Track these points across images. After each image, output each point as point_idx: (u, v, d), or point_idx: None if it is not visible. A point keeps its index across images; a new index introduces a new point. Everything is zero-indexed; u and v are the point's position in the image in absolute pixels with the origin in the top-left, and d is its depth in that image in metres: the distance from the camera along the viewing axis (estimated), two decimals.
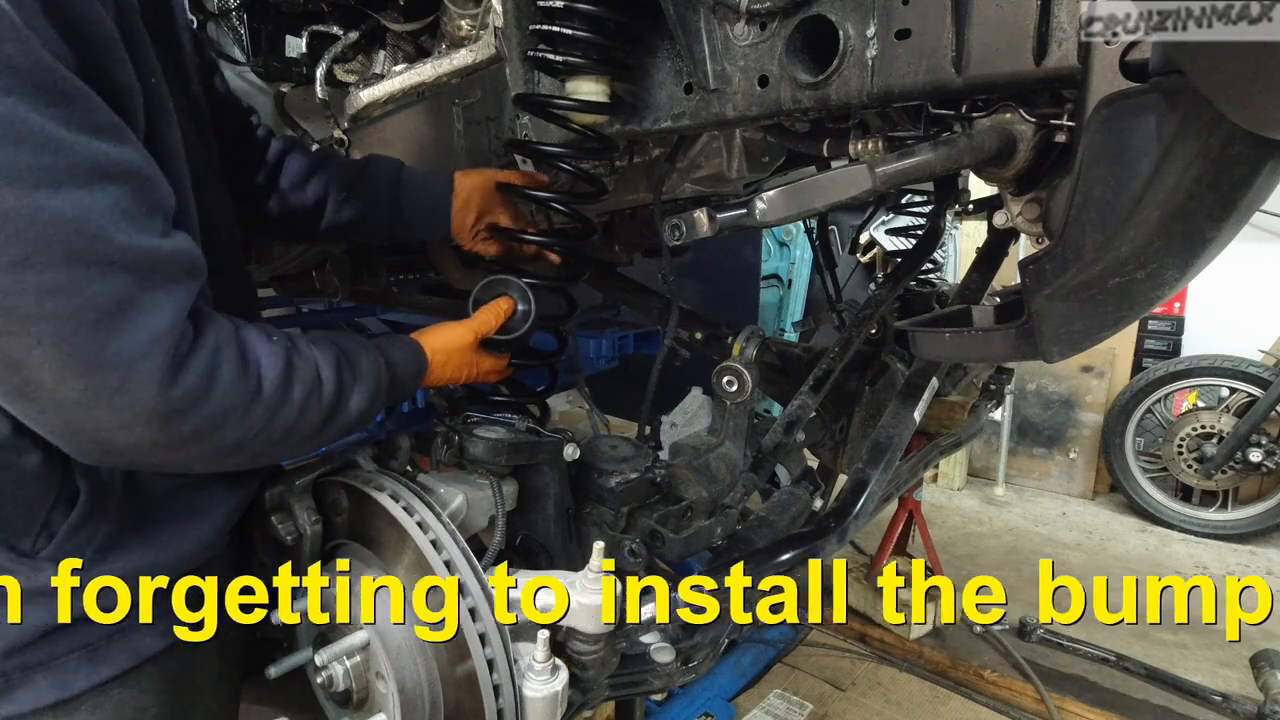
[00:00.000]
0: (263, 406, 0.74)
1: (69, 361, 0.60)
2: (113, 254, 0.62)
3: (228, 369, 0.71)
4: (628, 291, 2.19)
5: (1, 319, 0.58)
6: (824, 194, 0.81)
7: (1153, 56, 0.69)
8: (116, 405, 0.63)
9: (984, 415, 2.03)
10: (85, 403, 0.62)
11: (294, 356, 0.79)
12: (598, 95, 0.99)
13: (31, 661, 0.76)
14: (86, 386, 0.62)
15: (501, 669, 0.88)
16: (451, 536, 0.92)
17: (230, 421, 0.72)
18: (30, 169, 0.57)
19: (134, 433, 0.66)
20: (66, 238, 0.59)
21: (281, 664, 0.98)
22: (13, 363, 0.60)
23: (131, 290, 0.63)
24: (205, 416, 0.69)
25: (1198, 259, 0.84)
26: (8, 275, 0.57)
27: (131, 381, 0.63)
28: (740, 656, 2.61)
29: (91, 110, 0.62)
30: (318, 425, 0.81)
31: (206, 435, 0.70)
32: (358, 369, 0.87)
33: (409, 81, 1.23)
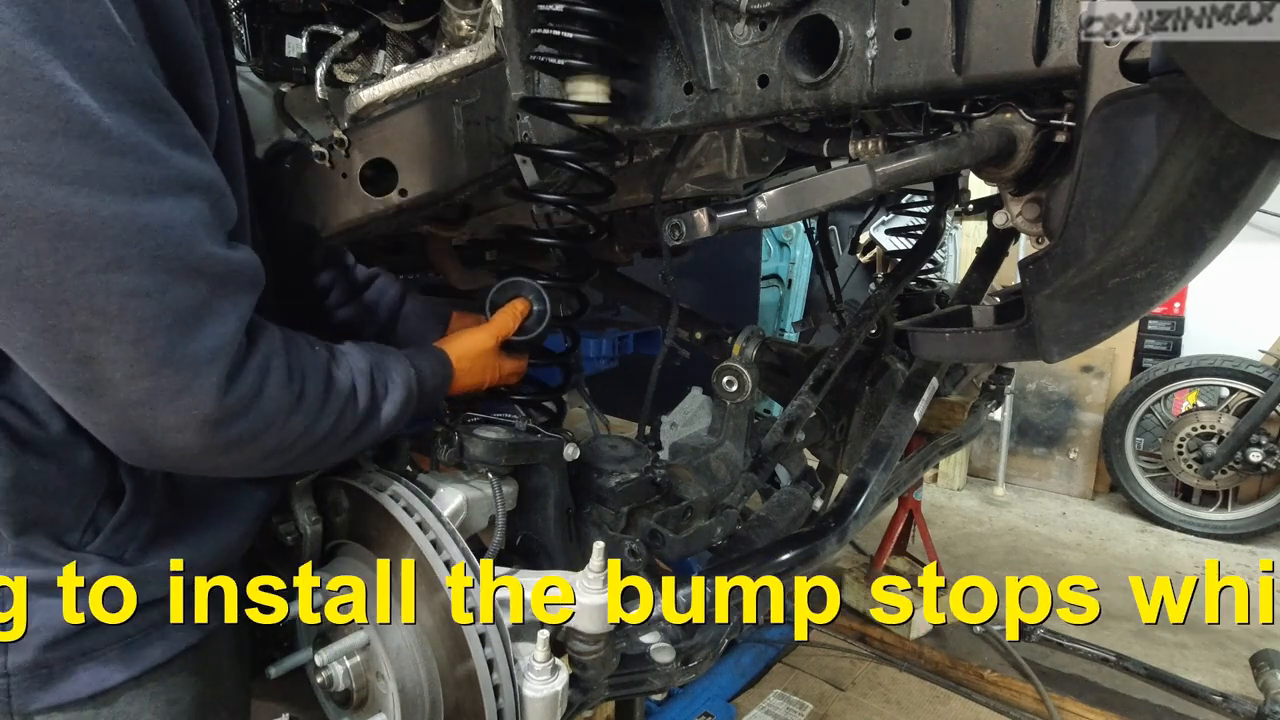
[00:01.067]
0: (303, 414, 0.78)
1: (142, 361, 0.63)
2: (194, 262, 0.66)
3: (276, 377, 0.75)
4: (628, 291, 2.19)
5: (86, 316, 0.61)
6: (824, 194, 0.81)
7: (1153, 56, 0.69)
8: (178, 406, 0.66)
9: (984, 415, 2.03)
10: (148, 402, 0.65)
11: (334, 367, 0.84)
12: (599, 95, 0.99)
13: (74, 653, 0.79)
14: (153, 386, 0.65)
15: (501, 669, 0.88)
16: (451, 536, 0.92)
17: (273, 428, 0.75)
18: (130, 179, 0.61)
19: (186, 435, 0.69)
20: (156, 244, 0.63)
21: (282, 664, 0.98)
22: (87, 359, 0.63)
23: (206, 297, 0.67)
24: (252, 422, 0.72)
25: (1198, 259, 0.84)
26: (99, 276, 0.60)
27: (195, 385, 0.67)
28: (740, 656, 2.61)
29: (183, 126, 0.68)
30: (350, 433, 0.85)
31: (249, 441, 0.73)
32: (391, 379, 0.91)
33: (409, 81, 1.23)
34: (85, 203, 0.59)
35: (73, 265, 0.59)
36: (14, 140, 0.56)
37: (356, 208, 1.34)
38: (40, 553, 0.76)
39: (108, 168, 0.60)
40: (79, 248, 0.59)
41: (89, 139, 0.58)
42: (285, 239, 1.15)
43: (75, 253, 0.59)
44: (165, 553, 0.83)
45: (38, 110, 0.56)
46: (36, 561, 0.76)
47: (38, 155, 0.57)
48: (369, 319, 1.21)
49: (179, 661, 0.86)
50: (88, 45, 0.58)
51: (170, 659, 0.85)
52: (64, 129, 0.57)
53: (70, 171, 0.58)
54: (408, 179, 1.28)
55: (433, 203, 1.31)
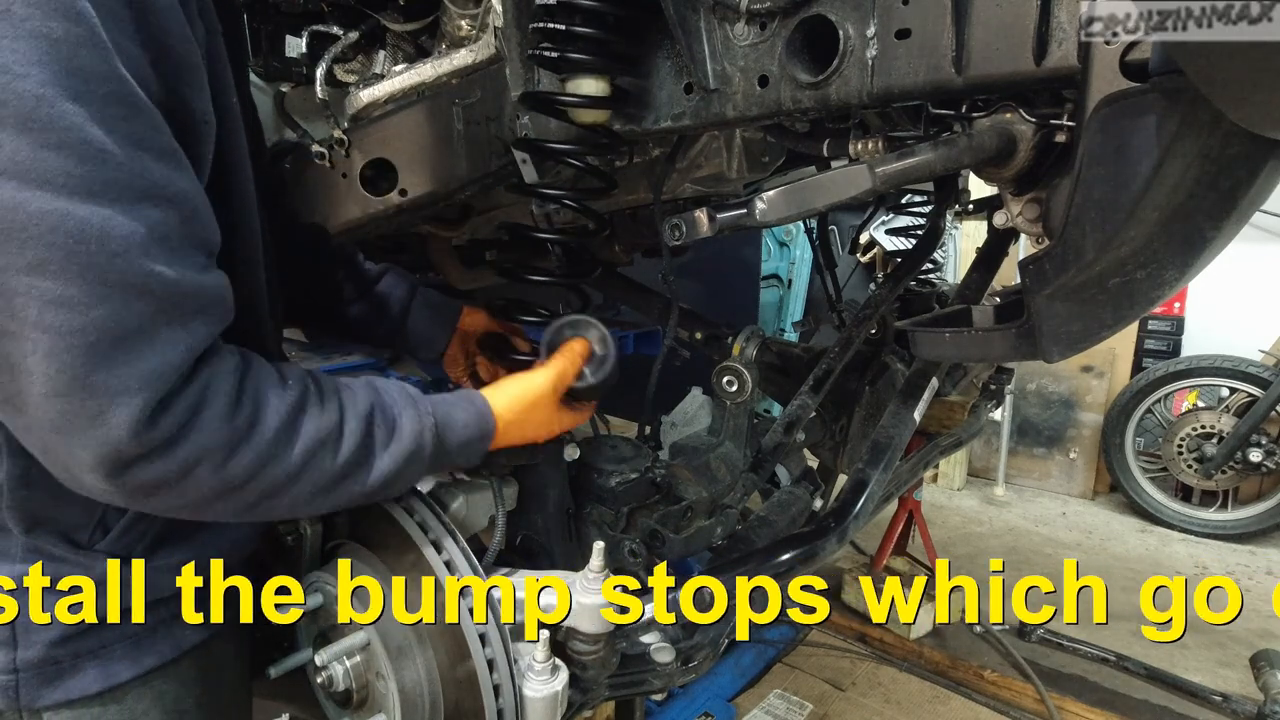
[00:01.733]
0: (252, 453, 0.67)
1: (57, 378, 0.57)
2: (134, 278, 0.59)
3: (216, 407, 0.65)
4: (628, 291, 2.19)
5: (5, 319, 0.57)
6: (824, 194, 0.81)
7: (1153, 56, 0.69)
8: (88, 438, 0.60)
9: (984, 415, 2.03)
10: (61, 428, 0.59)
11: (308, 401, 0.73)
12: (599, 92, 0.99)
13: (82, 650, 0.79)
14: (65, 410, 0.58)
15: (501, 669, 0.88)
16: (452, 537, 0.92)
17: (206, 467, 0.65)
18: (68, 175, 0.56)
19: (99, 472, 0.62)
20: (87, 252, 0.57)
21: (282, 664, 0.98)
22: (8, 366, 0.59)
23: (144, 320, 0.60)
24: (176, 464, 0.63)
25: (1198, 259, 0.84)
26: (22, 278, 0.56)
27: (110, 415, 0.59)
28: (740, 656, 2.61)
29: (154, 131, 0.62)
30: (326, 484, 0.74)
31: (176, 483, 0.64)
32: (396, 428, 0.79)
33: (409, 81, 1.23)
34: (11, 194, 0.54)
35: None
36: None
37: (356, 208, 1.34)
38: (49, 549, 0.76)
39: (43, 160, 0.55)
40: (2, 243, 0.55)
41: (26, 127, 0.54)
42: (296, 238, 1.15)
43: None
44: (173, 552, 0.83)
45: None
46: (46, 559, 0.76)
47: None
48: (379, 315, 1.20)
49: (186, 659, 0.86)
50: (44, 27, 0.54)
51: (177, 657, 0.85)
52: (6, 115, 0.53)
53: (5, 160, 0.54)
54: (408, 179, 1.28)
55: (433, 203, 1.31)
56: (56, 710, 0.78)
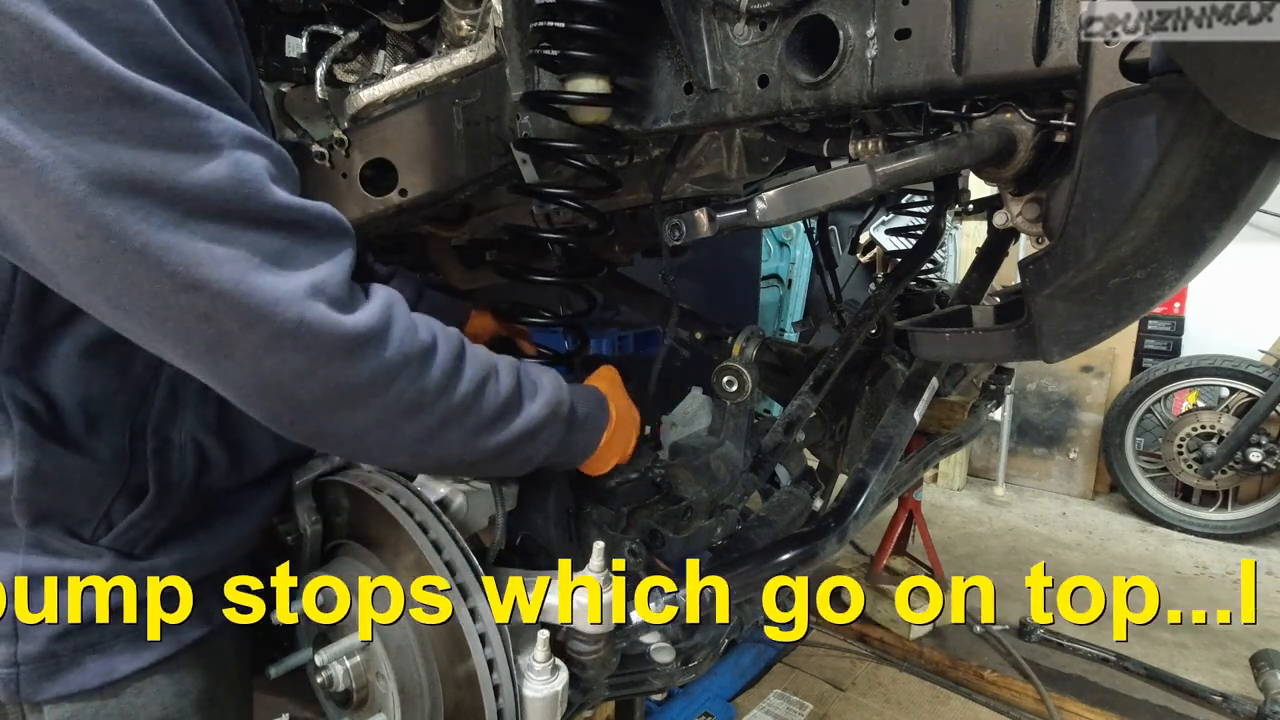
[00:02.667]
0: (438, 367, 0.73)
1: (248, 302, 0.62)
2: (266, 210, 0.64)
3: (401, 320, 0.71)
4: (628, 291, 2.19)
5: (184, 274, 0.60)
6: (824, 194, 0.81)
7: (1153, 56, 0.69)
8: (300, 341, 0.64)
9: (984, 415, 2.03)
10: (272, 346, 0.63)
11: (465, 340, 0.79)
12: (600, 91, 0.99)
13: (82, 644, 0.79)
14: (270, 329, 0.63)
15: (501, 669, 0.88)
16: (452, 537, 0.92)
17: (408, 371, 0.70)
18: (191, 135, 0.60)
19: (318, 377, 0.66)
20: (224, 195, 0.62)
21: (282, 664, 0.98)
22: (204, 315, 0.62)
23: (287, 243, 0.65)
24: (382, 359, 0.68)
25: (1198, 259, 0.84)
26: (176, 234, 0.59)
27: (308, 314, 0.64)
28: (740, 656, 2.61)
29: (228, 100, 0.67)
30: (490, 419, 0.79)
31: (384, 383, 0.69)
32: (538, 382, 0.85)
33: (409, 81, 1.23)
34: (154, 161, 0.58)
35: (152, 222, 0.59)
36: (70, 112, 0.56)
37: (356, 208, 1.34)
38: (52, 544, 0.77)
39: (166, 127, 0.59)
40: (154, 206, 0.59)
41: (139, 103, 0.58)
42: None
43: (152, 211, 0.59)
44: (173, 550, 0.83)
45: (83, 83, 0.56)
46: (48, 552, 0.77)
47: (97, 122, 0.57)
48: None
49: (186, 655, 0.87)
50: (112, 20, 0.58)
51: (177, 652, 0.85)
52: (114, 97, 0.57)
53: (133, 134, 0.58)
54: (408, 179, 1.28)
55: (433, 203, 1.31)
56: (56, 704, 0.79)
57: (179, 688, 0.86)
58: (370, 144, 1.30)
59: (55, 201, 0.56)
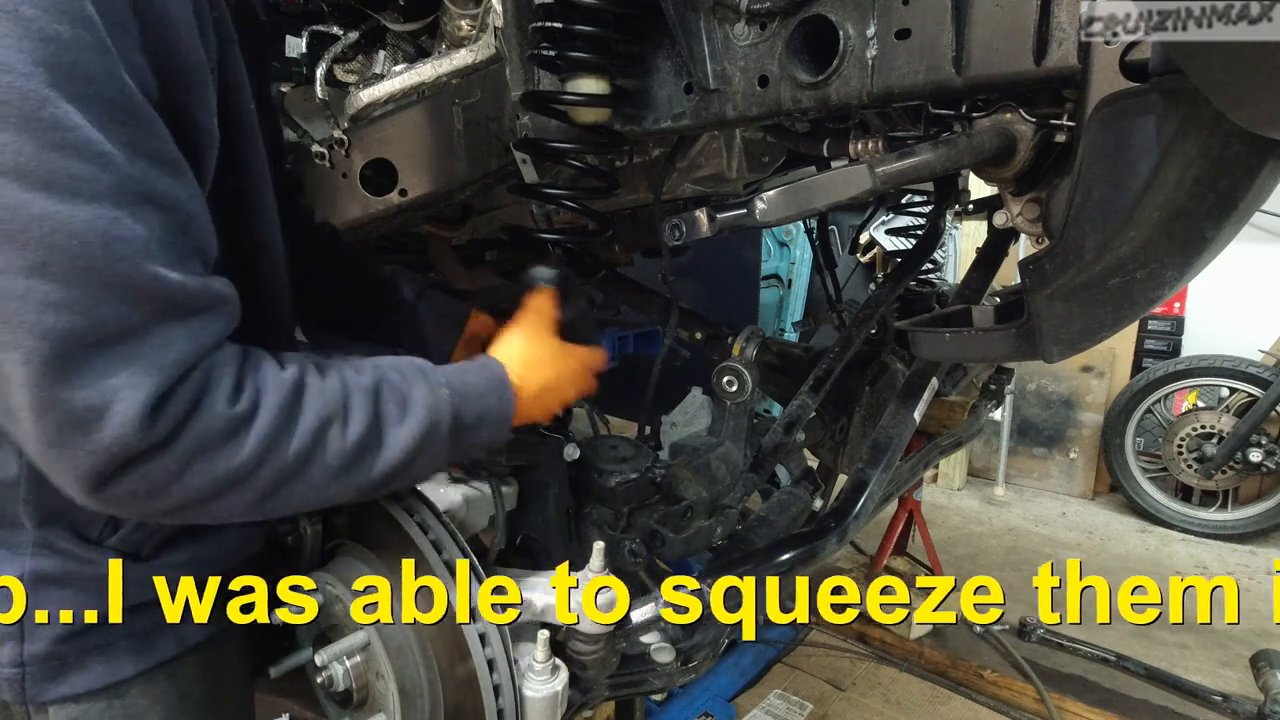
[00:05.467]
0: (254, 437, 0.65)
1: (49, 387, 0.56)
2: (136, 280, 0.58)
3: (217, 393, 0.63)
4: (628, 291, 2.19)
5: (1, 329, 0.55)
6: (824, 194, 0.81)
7: (1153, 56, 0.69)
8: (88, 443, 0.58)
9: (984, 415, 2.03)
10: (55, 440, 0.58)
11: (308, 378, 0.70)
12: (600, 92, 0.99)
13: (87, 646, 0.79)
14: (60, 421, 0.57)
15: (501, 669, 0.88)
16: (452, 537, 0.92)
17: (211, 453, 0.63)
18: (71, 177, 0.55)
19: (92, 486, 0.60)
20: (89, 252, 0.56)
21: (282, 664, 0.98)
22: (1, 378, 0.56)
23: (144, 320, 0.59)
24: (181, 452, 0.61)
25: (1198, 259, 0.84)
26: (21, 280, 0.54)
27: (111, 413, 0.57)
28: (740, 656, 2.61)
29: (155, 139, 0.61)
30: (339, 467, 0.70)
31: (179, 478, 0.62)
32: (407, 401, 0.75)
33: (409, 81, 1.24)
34: (14, 195, 0.53)
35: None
36: None
37: (356, 208, 1.34)
38: (59, 545, 0.77)
39: (47, 161, 0.54)
40: (3, 245, 0.53)
41: (29, 126, 0.53)
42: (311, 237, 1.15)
43: None
44: (178, 552, 0.83)
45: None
46: (55, 553, 0.77)
47: None
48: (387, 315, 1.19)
49: (189, 656, 0.87)
50: (50, 29, 0.53)
51: (181, 654, 0.85)
52: (3, 113, 0.52)
53: (11, 160, 0.53)
54: (408, 179, 1.28)
55: (433, 202, 1.31)
56: (61, 704, 0.79)
57: (182, 689, 0.86)
58: (370, 144, 1.30)
59: None
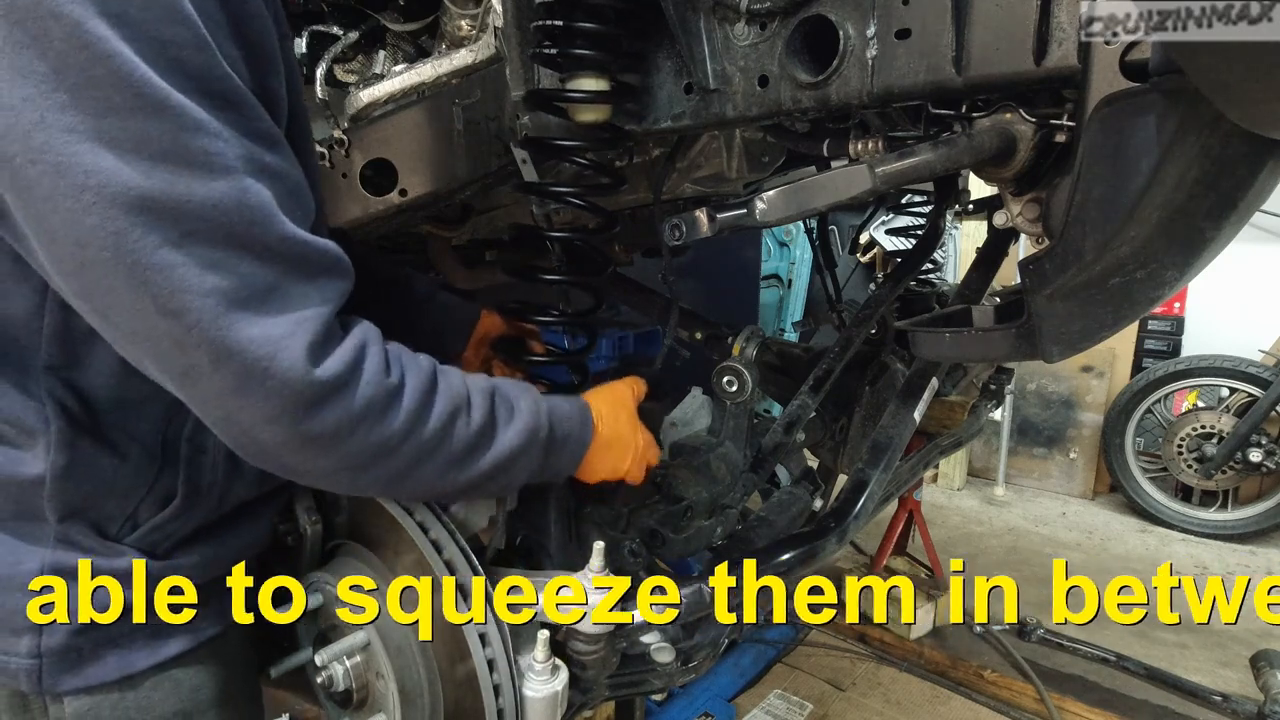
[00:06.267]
0: (404, 411, 0.72)
1: (223, 339, 0.62)
2: (270, 241, 0.65)
3: (373, 362, 0.71)
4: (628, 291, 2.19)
5: (167, 296, 0.60)
6: (824, 194, 0.81)
7: (1153, 56, 0.69)
8: (266, 389, 0.64)
9: (984, 415, 2.03)
10: (238, 388, 0.63)
11: (438, 371, 0.78)
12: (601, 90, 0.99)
13: (102, 639, 0.80)
14: (237, 370, 0.63)
15: (501, 669, 0.88)
16: (452, 536, 0.92)
17: (371, 419, 0.70)
18: (205, 154, 0.61)
19: (280, 425, 0.66)
20: (230, 221, 0.62)
21: (282, 664, 0.98)
22: (177, 343, 0.62)
23: (280, 277, 0.66)
24: (347, 409, 0.68)
25: (1198, 259, 0.84)
26: (174, 252, 0.60)
27: (278, 361, 0.64)
28: (740, 656, 2.61)
29: (255, 120, 0.67)
30: (460, 454, 0.78)
31: (347, 433, 0.69)
32: (515, 406, 0.84)
33: (409, 81, 1.23)
34: (164, 178, 0.59)
35: (150, 240, 0.59)
36: (93, 117, 0.56)
37: (356, 208, 1.34)
38: (79, 540, 0.78)
39: (184, 143, 0.60)
40: (156, 223, 0.59)
41: (164, 116, 0.58)
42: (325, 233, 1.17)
43: (153, 228, 0.59)
44: (193, 551, 0.85)
45: (113, 88, 0.56)
46: (75, 548, 0.78)
47: (118, 131, 0.57)
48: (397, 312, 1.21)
49: (202, 651, 0.88)
50: (155, 31, 0.58)
51: (194, 648, 0.86)
52: (140, 106, 0.57)
53: (149, 147, 0.58)
54: (408, 179, 1.28)
55: (433, 202, 1.31)
56: (76, 696, 0.80)
57: (195, 683, 0.87)
58: (370, 144, 1.30)
59: (60, 206, 0.57)
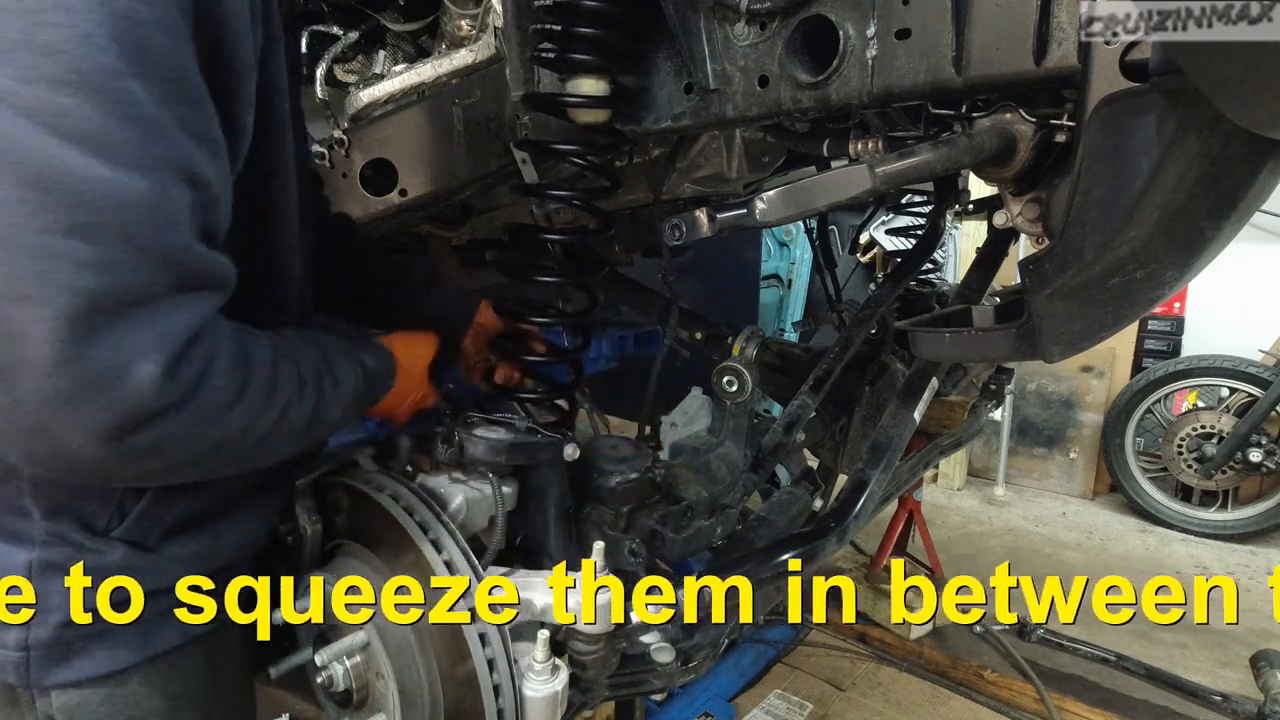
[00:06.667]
0: (246, 408, 0.71)
1: (77, 342, 0.57)
2: (170, 249, 0.62)
3: (221, 363, 0.69)
4: (628, 291, 2.19)
5: (29, 283, 0.56)
6: (824, 194, 0.81)
7: (1153, 56, 0.69)
8: (105, 398, 0.60)
9: (984, 415, 2.03)
10: (71, 395, 0.58)
11: (282, 361, 0.78)
12: (600, 92, 0.99)
13: (91, 633, 0.80)
14: (81, 374, 0.58)
15: (501, 669, 0.88)
16: (452, 536, 0.92)
17: (213, 422, 0.68)
18: (133, 148, 0.58)
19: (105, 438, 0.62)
20: (135, 220, 0.59)
21: (282, 664, 0.98)
22: (14, 336, 0.56)
23: (167, 288, 0.63)
24: (190, 417, 0.66)
25: (1198, 259, 0.84)
26: (61, 240, 0.56)
27: (131, 372, 0.60)
28: (740, 656, 2.61)
29: (203, 119, 0.66)
30: (295, 432, 0.79)
31: (182, 439, 0.67)
32: (339, 378, 0.86)
33: (409, 81, 1.24)
34: (75, 160, 0.56)
35: (35, 221, 0.55)
36: (19, 82, 0.54)
37: (356, 207, 1.34)
38: (68, 536, 0.78)
39: (109, 130, 0.57)
40: (51, 203, 0.55)
41: (98, 96, 0.56)
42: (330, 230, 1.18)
43: (43, 208, 0.55)
44: (185, 543, 0.85)
45: (54, 56, 0.55)
46: (64, 544, 0.78)
47: (40, 101, 0.55)
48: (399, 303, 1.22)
49: (191, 648, 0.87)
50: (126, 7, 0.57)
51: (182, 645, 0.86)
52: (77, 80, 0.55)
53: (68, 124, 0.55)
54: (408, 179, 1.29)
55: (433, 202, 1.31)
56: (64, 690, 0.80)
57: (184, 679, 0.88)
58: (370, 144, 1.30)
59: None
